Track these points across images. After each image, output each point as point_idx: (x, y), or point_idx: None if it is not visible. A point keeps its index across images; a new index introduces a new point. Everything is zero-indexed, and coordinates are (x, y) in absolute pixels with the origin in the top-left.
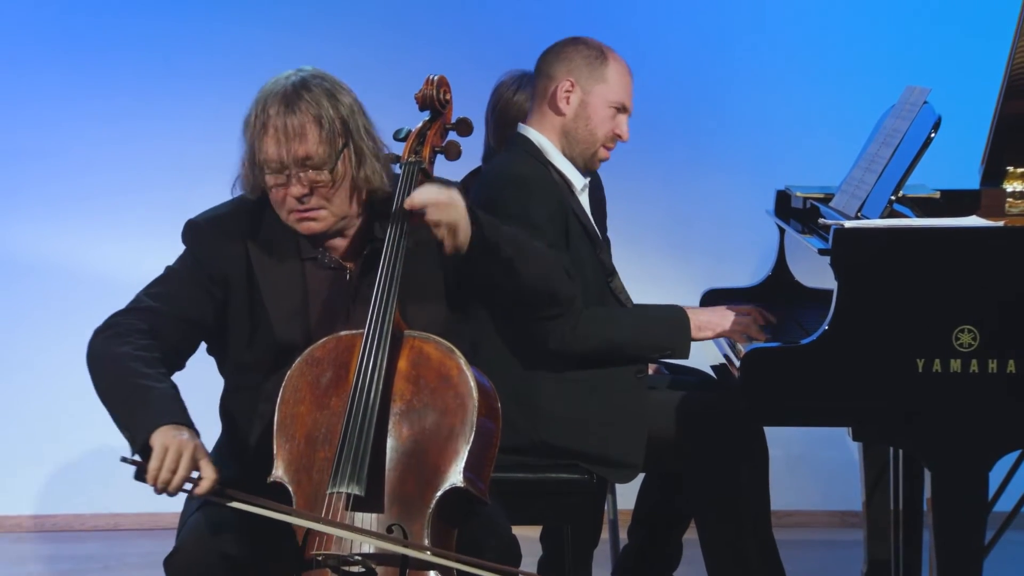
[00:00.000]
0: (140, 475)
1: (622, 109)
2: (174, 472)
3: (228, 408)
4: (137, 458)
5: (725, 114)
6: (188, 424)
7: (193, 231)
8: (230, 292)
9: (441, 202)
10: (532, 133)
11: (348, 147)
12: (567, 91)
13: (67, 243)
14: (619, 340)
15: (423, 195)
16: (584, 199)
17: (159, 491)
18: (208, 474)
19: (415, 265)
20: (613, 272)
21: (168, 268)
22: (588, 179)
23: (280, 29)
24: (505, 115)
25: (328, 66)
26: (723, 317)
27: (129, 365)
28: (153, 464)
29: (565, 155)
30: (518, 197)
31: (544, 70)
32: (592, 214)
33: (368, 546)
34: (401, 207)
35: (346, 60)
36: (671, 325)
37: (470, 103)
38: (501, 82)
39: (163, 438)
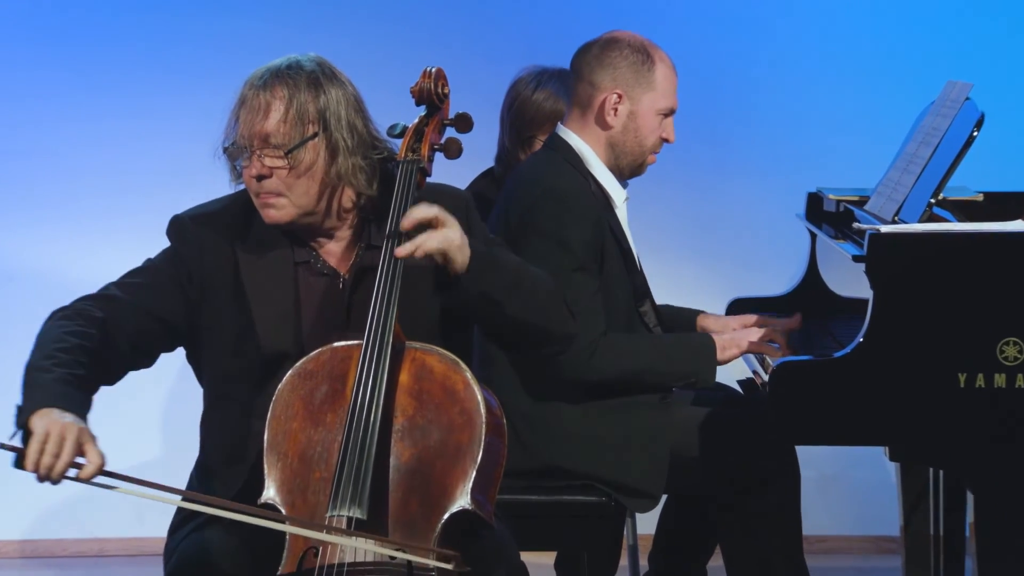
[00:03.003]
0: (19, 462)
1: (669, 112)
2: (56, 456)
3: (210, 423)
4: (17, 443)
5: (752, 111)
6: (75, 410)
7: (177, 227)
8: (209, 295)
9: (434, 230)
10: (574, 139)
11: (318, 137)
12: (615, 104)
13: (51, 251)
14: (639, 369)
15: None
16: (623, 213)
17: (41, 478)
18: (93, 459)
19: (416, 272)
20: (645, 295)
21: (147, 260)
22: (627, 191)
23: (275, 21)
24: (522, 114)
25: (332, 58)
26: (747, 331)
27: (48, 347)
28: (32, 448)
29: (608, 166)
30: (555, 213)
31: (586, 75)
32: None
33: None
34: (399, 209)
35: (344, 53)
36: (695, 352)
37: (475, 99)
38: (519, 79)
39: (44, 421)
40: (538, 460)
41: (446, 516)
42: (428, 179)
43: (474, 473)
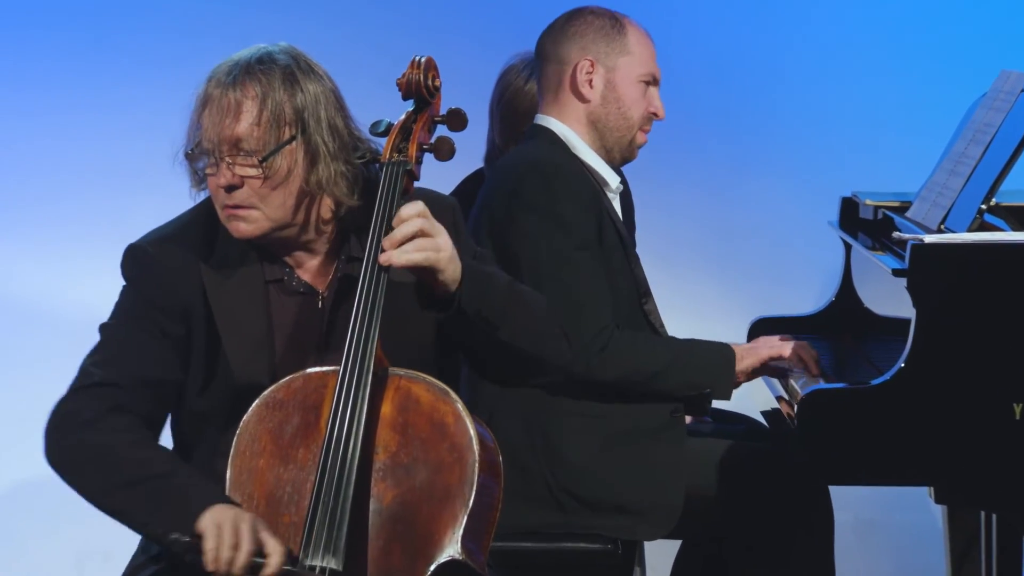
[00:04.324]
0: (193, 554)
1: (652, 81)
2: (236, 549)
3: None
4: (186, 539)
5: (777, 106)
6: (235, 502)
7: (136, 259)
8: (192, 325)
9: (423, 238)
10: (554, 124)
11: (296, 141)
12: (588, 73)
13: None
14: (652, 371)
15: (411, 210)
16: (617, 203)
17: (223, 573)
18: (274, 548)
19: (401, 290)
20: (648, 292)
21: (106, 326)
22: (621, 182)
23: (241, 1)
24: (514, 107)
25: (306, 47)
26: (768, 340)
27: (124, 455)
28: (210, 544)
29: (596, 149)
30: (545, 186)
31: (551, 54)
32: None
33: None
34: (384, 218)
35: (320, 40)
36: (711, 359)
37: (467, 92)
38: (509, 67)
39: (214, 516)
40: (538, 483)
41: (433, 567)
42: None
43: (465, 518)
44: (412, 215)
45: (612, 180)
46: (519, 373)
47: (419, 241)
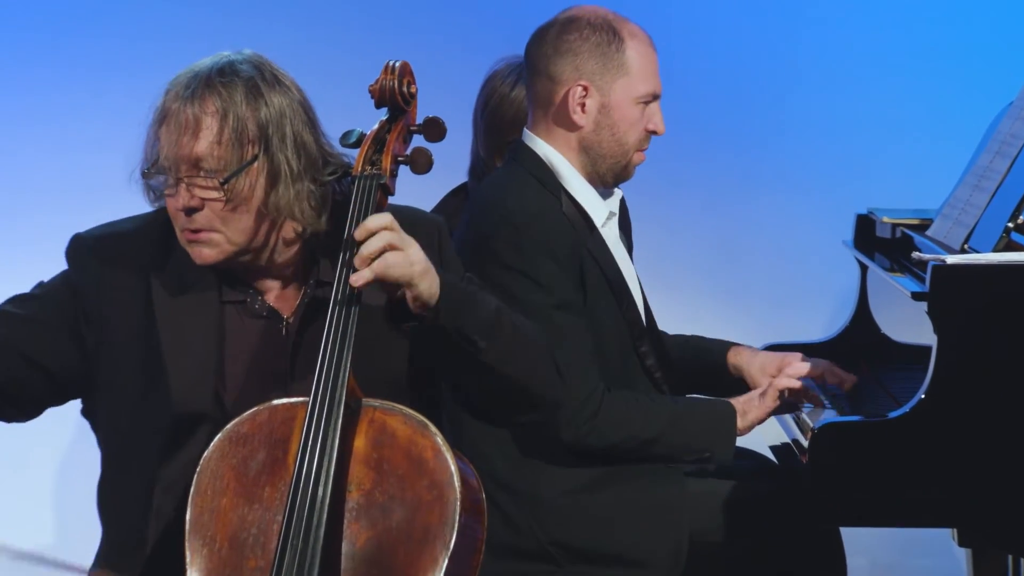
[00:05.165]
0: None
1: (652, 99)
2: None
3: (109, 499)
4: None
5: (787, 116)
6: None
7: (77, 250)
8: (111, 338)
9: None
10: (540, 146)
11: (258, 161)
12: (581, 98)
13: None
14: (646, 436)
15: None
16: (610, 230)
17: None
18: None
19: (374, 315)
20: (643, 333)
21: (38, 285)
22: (615, 200)
23: (204, 4)
24: (499, 116)
25: (272, 52)
26: (765, 396)
27: None
28: None
29: (586, 175)
30: (518, 242)
31: (542, 68)
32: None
33: None
34: (355, 236)
35: (288, 44)
36: (710, 420)
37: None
38: (494, 72)
39: None
40: (526, 535)
41: None
42: (391, 199)
43: (445, 561)
44: (378, 227)
45: (600, 212)
46: (507, 408)
47: (388, 256)
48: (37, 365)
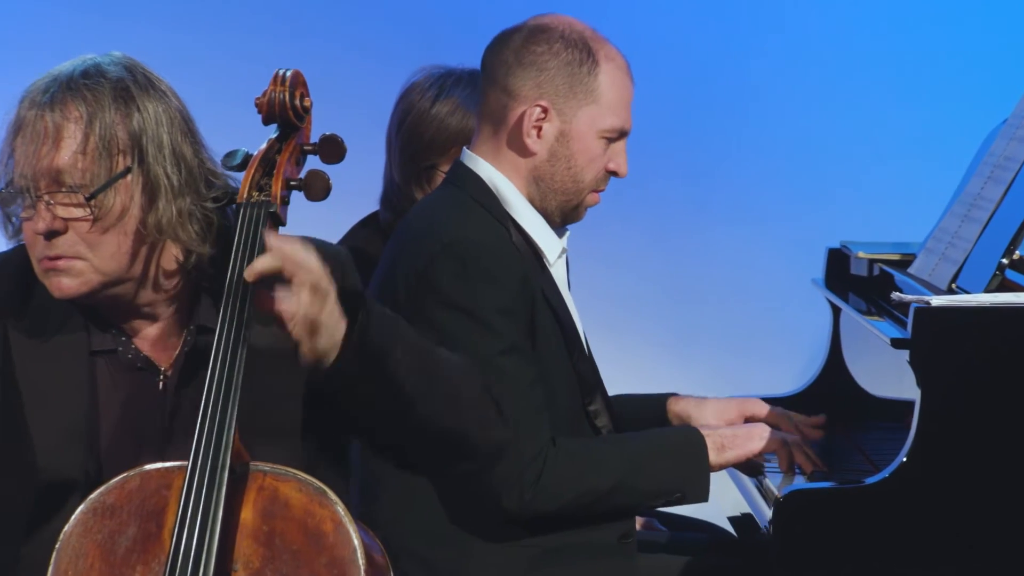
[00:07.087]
0: None
1: (619, 135)
2: None
3: None
4: None
5: (748, 130)
6: None
7: None
8: None
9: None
10: (484, 169)
11: (131, 174)
12: (538, 120)
13: None
14: (605, 488)
15: (269, 261)
16: (560, 272)
17: None
18: None
19: (265, 366)
20: (595, 387)
21: None
22: (565, 238)
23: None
24: (418, 136)
25: (145, 55)
26: (755, 433)
27: None
28: None
29: (536, 205)
30: (460, 274)
31: (499, 78)
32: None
33: None
34: (240, 275)
35: (172, 48)
36: (680, 455)
37: (354, 114)
38: (412, 84)
39: None
40: None
41: None
42: (282, 229)
43: None
44: (269, 269)
45: (554, 247)
46: (438, 455)
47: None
48: None
